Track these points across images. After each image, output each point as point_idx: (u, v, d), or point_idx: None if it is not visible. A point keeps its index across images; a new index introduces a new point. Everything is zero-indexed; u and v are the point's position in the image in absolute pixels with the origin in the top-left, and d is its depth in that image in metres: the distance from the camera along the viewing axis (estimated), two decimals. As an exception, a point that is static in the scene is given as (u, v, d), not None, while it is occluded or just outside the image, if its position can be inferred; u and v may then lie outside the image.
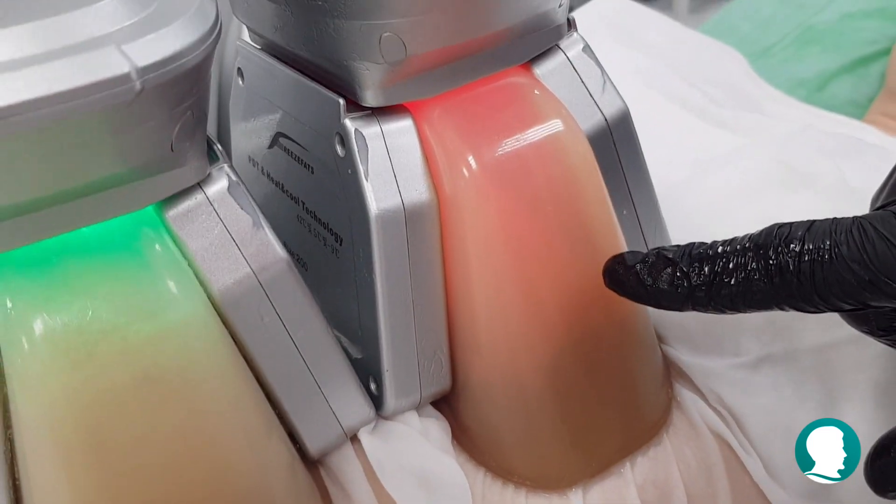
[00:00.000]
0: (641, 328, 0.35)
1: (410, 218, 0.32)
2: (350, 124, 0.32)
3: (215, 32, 0.25)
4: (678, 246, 0.29)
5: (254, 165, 0.40)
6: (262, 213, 0.30)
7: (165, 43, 0.23)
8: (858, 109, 0.67)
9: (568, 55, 0.36)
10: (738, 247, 0.28)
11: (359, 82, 0.31)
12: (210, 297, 0.28)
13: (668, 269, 0.29)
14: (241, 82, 0.39)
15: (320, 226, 0.36)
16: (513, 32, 0.33)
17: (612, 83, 0.36)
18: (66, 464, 0.27)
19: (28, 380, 0.27)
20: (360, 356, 0.34)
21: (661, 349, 0.38)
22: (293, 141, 0.36)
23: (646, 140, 0.50)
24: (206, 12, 0.25)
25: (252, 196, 0.29)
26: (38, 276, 0.27)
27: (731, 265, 0.28)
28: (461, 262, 0.33)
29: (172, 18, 0.24)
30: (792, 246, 0.27)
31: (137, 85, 0.23)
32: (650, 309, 0.37)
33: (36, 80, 0.22)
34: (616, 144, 0.36)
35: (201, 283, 0.28)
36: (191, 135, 0.26)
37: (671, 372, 0.39)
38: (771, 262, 0.27)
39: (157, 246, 0.28)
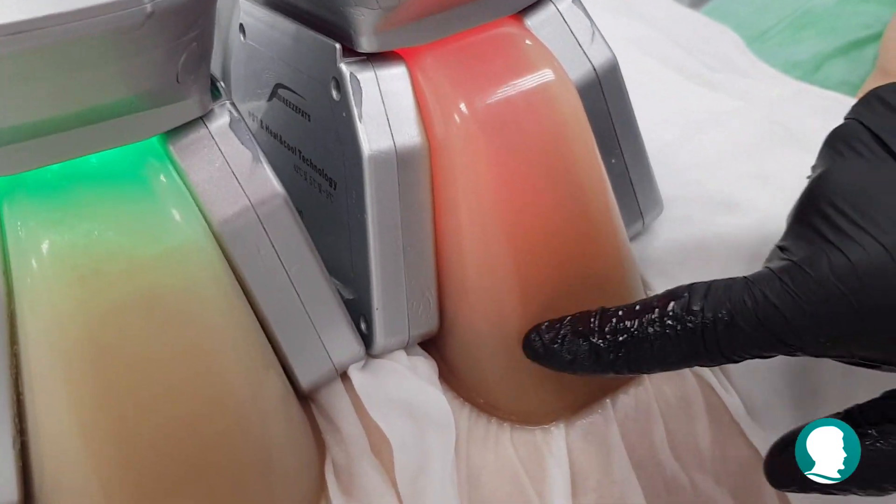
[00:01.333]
0: (626, 275, 0.37)
1: (402, 161, 0.33)
2: (345, 68, 0.33)
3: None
4: (591, 314, 0.32)
5: (254, 120, 0.42)
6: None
7: (174, -27, 0.25)
8: (852, 90, 0.68)
9: (559, 7, 0.37)
10: (646, 318, 0.30)
11: (354, 28, 0.33)
12: (210, 227, 0.30)
13: (585, 346, 0.31)
14: (242, 38, 0.41)
15: (316, 172, 0.37)
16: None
17: (601, 34, 0.38)
18: (69, 378, 0.29)
19: (36, 297, 0.28)
20: (351, 297, 0.36)
21: (646, 294, 0.40)
22: (291, 91, 0.38)
23: (640, 101, 0.52)
24: (212, -53, 0.26)
25: (252, 133, 0.31)
26: (48, 200, 0.28)
27: (642, 337, 0.30)
28: (450, 207, 0.34)
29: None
30: (693, 313, 0.29)
31: (148, 7, 0.24)
32: (635, 254, 0.39)
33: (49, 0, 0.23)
34: (605, 94, 0.38)
35: (202, 213, 0.30)
36: (195, 68, 0.28)
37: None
38: (678, 329, 0.30)
39: (161, 176, 0.29)
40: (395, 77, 0.34)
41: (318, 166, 0.37)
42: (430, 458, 0.33)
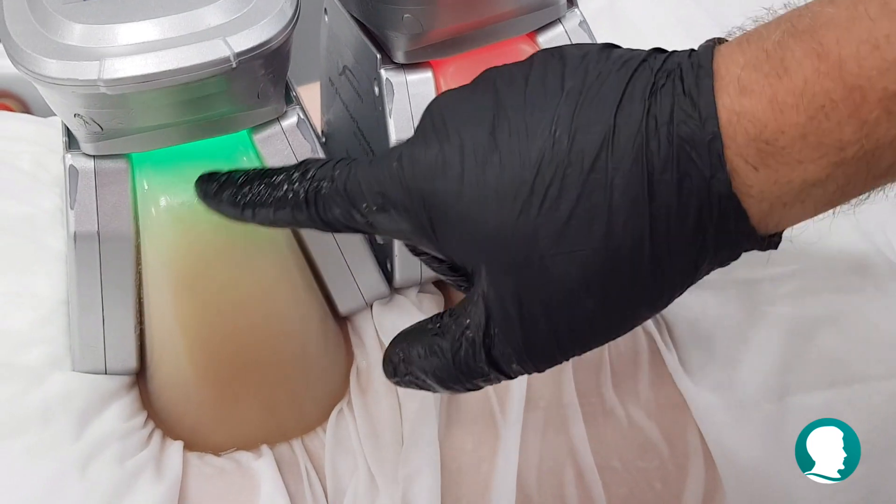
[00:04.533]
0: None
1: (422, 148, 0.45)
2: (383, 73, 0.44)
3: (291, 27, 0.38)
4: (243, 171, 0.37)
5: (332, 86, 0.54)
6: (334, 128, 0.43)
7: (255, 35, 0.37)
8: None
9: (566, 28, 0.47)
10: (276, 177, 0.36)
11: (390, 45, 0.44)
12: (276, 196, 0.42)
13: (229, 190, 0.37)
14: (326, 19, 0.52)
15: (365, 142, 0.49)
16: (517, 12, 0.45)
17: None
18: (172, 290, 0.43)
19: (154, 236, 0.42)
20: (381, 243, 0.48)
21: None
22: (353, 74, 0.49)
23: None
24: (285, 12, 0.38)
25: (314, 129, 0.43)
26: (166, 169, 0.41)
27: (268, 190, 0.36)
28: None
29: (262, 16, 0.37)
30: (307, 177, 0.35)
31: (234, 64, 0.36)
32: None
33: (173, 57, 0.36)
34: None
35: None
36: (272, 88, 0.40)
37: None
38: (293, 189, 0.35)
39: (245, 158, 0.42)
40: (422, 81, 0.45)
41: (366, 136, 0.49)
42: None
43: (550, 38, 0.47)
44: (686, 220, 0.31)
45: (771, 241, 0.32)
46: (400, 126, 0.45)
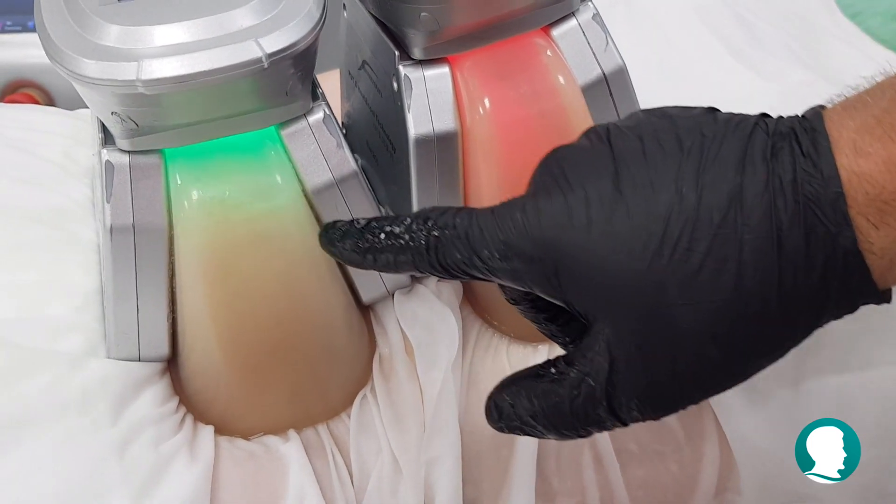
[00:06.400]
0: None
1: (439, 141, 0.47)
2: (402, 69, 0.46)
3: (319, 28, 0.40)
4: (364, 220, 0.40)
5: (351, 78, 0.56)
6: (354, 119, 0.45)
7: (285, 37, 0.39)
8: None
9: (580, 21, 0.49)
10: (397, 226, 0.38)
11: (408, 42, 0.46)
12: (304, 191, 0.45)
13: (352, 239, 0.39)
14: (345, 15, 0.54)
15: (384, 134, 0.51)
16: (531, 7, 0.47)
17: (613, 44, 0.49)
18: (203, 281, 0.45)
19: (186, 229, 0.44)
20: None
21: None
22: (372, 69, 0.51)
23: (678, 74, 0.63)
24: (313, 14, 0.40)
25: (342, 125, 0.44)
26: (198, 163, 0.44)
27: (389, 239, 0.38)
28: (474, 175, 0.48)
29: (291, 18, 0.39)
30: (427, 225, 0.37)
31: (266, 65, 0.38)
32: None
33: (207, 58, 0.38)
34: (613, 95, 0.50)
35: (299, 181, 0.44)
36: (299, 85, 0.42)
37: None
38: (413, 236, 0.38)
39: (273, 153, 0.44)
40: (439, 77, 0.47)
41: (386, 130, 0.51)
42: (440, 358, 0.48)
43: (564, 32, 0.48)
44: (812, 274, 0.33)
45: (885, 295, 0.35)
46: (419, 121, 0.46)
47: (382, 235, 0.38)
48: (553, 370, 0.37)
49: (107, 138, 0.43)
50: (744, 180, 0.34)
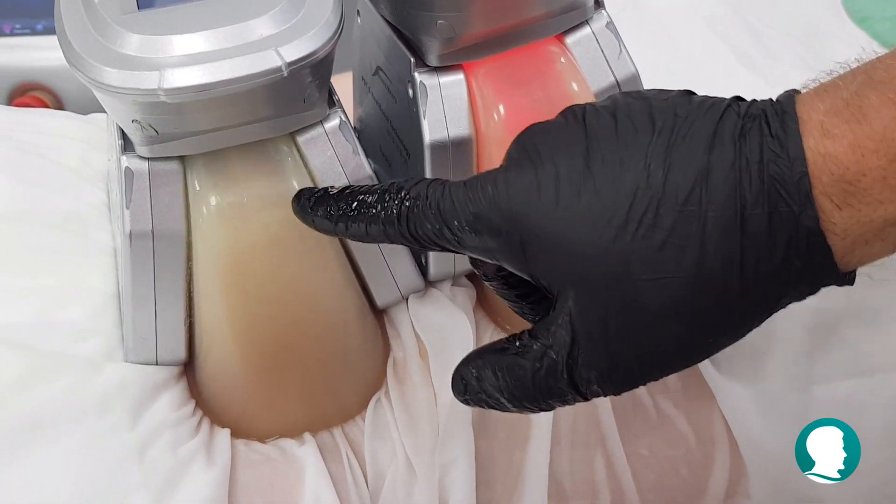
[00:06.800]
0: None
1: (454, 147, 0.48)
2: (417, 76, 0.47)
3: (336, 36, 0.40)
4: (338, 188, 0.40)
5: (364, 84, 0.56)
6: (366, 124, 0.46)
7: (304, 46, 0.40)
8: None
9: (593, 29, 0.49)
10: (369, 195, 0.39)
11: (424, 49, 0.46)
12: (319, 195, 0.45)
13: (324, 206, 0.40)
14: (358, 21, 0.54)
15: (398, 140, 0.52)
16: (546, 15, 0.47)
17: (626, 52, 0.50)
18: (220, 285, 0.46)
19: (204, 233, 0.44)
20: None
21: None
22: (386, 75, 0.52)
23: (685, 79, 0.63)
24: (330, 23, 0.40)
25: (353, 129, 0.45)
26: (216, 170, 0.44)
27: (361, 207, 0.39)
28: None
29: (310, 27, 0.40)
30: (400, 195, 0.38)
31: (285, 73, 0.39)
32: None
33: (228, 67, 0.38)
34: (625, 101, 0.50)
35: (316, 186, 0.44)
36: (316, 93, 0.43)
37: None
38: (385, 205, 0.38)
39: (289, 159, 0.45)
40: (454, 83, 0.48)
41: (400, 136, 0.51)
42: (454, 361, 0.48)
43: (578, 40, 0.49)
44: (775, 252, 0.34)
45: (847, 277, 0.35)
46: (434, 127, 0.47)
47: (355, 203, 0.39)
48: (518, 343, 0.37)
49: (126, 145, 0.43)
50: (711, 159, 0.34)
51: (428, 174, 0.48)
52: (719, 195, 0.34)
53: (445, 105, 0.47)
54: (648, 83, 0.51)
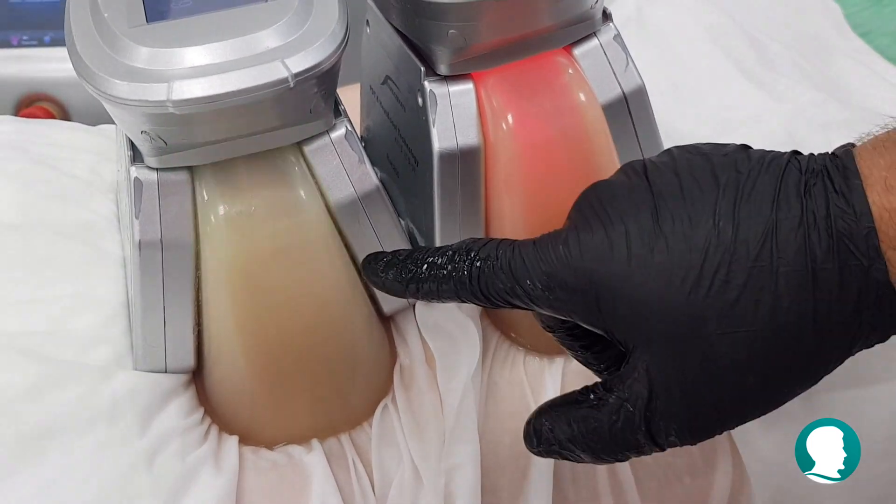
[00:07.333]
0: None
1: (463, 156, 0.48)
2: (427, 85, 0.47)
3: (342, 47, 0.41)
4: (406, 251, 0.42)
5: (372, 93, 0.57)
6: (374, 133, 0.46)
7: (311, 57, 0.40)
8: None
9: (601, 41, 0.50)
10: (439, 257, 0.40)
11: (434, 58, 0.47)
12: (327, 205, 0.46)
13: (394, 270, 0.42)
14: (367, 30, 0.55)
15: (407, 148, 0.52)
16: (555, 26, 0.48)
17: (633, 64, 0.50)
18: (228, 293, 0.46)
19: (213, 242, 0.45)
20: (424, 243, 0.51)
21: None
22: (395, 84, 0.52)
23: (689, 93, 0.64)
24: (336, 35, 0.41)
25: (359, 139, 0.46)
26: (224, 180, 0.45)
27: (432, 269, 0.40)
28: (496, 189, 0.49)
29: (316, 39, 0.41)
30: (470, 255, 0.40)
31: (292, 84, 0.39)
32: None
33: (236, 79, 0.39)
34: (632, 114, 0.51)
35: (322, 195, 0.46)
36: (322, 103, 0.43)
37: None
38: (455, 266, 0.40)
39: (296, 169, 0.45)
40: (464, 92, 0.48)
41: (408, 144, 0.52)
42: (460, 368, 0.49)
43: (586, 51, 0.50)
44: (846, 306, 0.35)
45: None
46: (443, 136, 0.48)
47: (425, 266, 0.41)
48: (592, 396, 0.38)
49: (135, 156, 0.44)
50: (778, 215, 0.35)
51: (436, 182, 0.48)
52: (789, 250, 0.35)
53: (455, 114, 0.48)
54: (652, 97, 0.51)
